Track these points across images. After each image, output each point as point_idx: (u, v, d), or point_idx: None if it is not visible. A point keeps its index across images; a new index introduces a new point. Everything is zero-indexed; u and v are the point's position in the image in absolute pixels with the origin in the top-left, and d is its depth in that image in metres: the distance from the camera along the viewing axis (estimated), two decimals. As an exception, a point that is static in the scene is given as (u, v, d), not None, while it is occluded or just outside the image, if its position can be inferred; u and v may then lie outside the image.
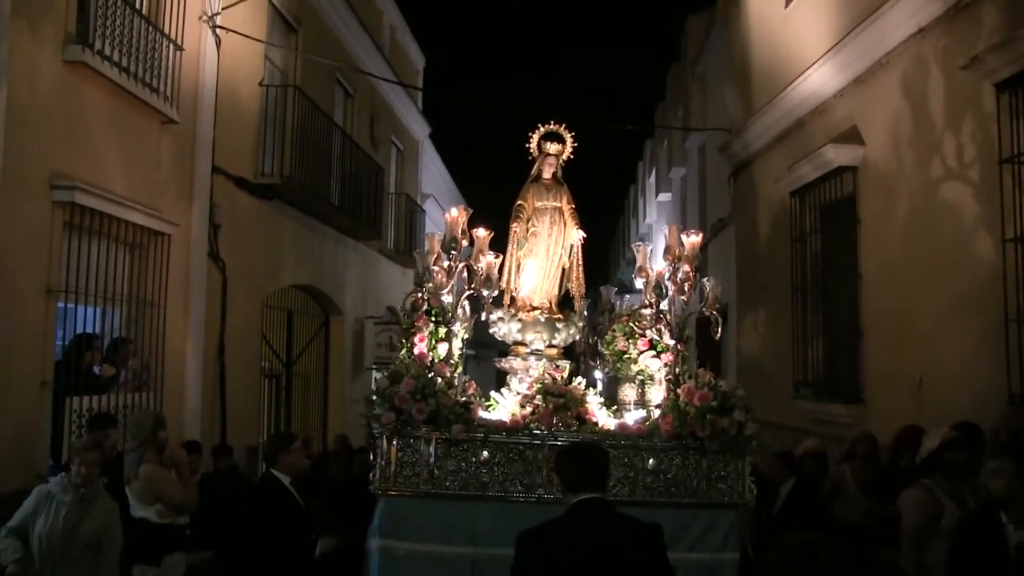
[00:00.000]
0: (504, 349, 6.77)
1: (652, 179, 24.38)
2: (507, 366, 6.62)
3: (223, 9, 9.61)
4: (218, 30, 9.65)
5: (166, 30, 8.53)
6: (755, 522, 6.72)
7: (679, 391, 5.79)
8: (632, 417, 6.14)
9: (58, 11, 7.03)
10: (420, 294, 6.25)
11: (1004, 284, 5.96)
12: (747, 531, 6.29)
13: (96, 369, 7.62)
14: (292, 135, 11.41)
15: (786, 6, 10.62)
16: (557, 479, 3.87)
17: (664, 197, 21.70)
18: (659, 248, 6.74)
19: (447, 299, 5.96)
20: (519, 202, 6.77)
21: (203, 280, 9.59)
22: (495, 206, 6.47)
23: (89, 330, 7.66)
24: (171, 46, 8.59)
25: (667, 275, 5.99)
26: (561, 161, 6.91)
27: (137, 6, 8.17)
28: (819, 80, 9.19)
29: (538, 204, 6.73)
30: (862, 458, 6.77)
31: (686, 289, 5.92)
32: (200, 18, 9.34)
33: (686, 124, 16.95)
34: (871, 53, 8.09)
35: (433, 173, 23.06)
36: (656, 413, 5.97)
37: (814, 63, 9.17)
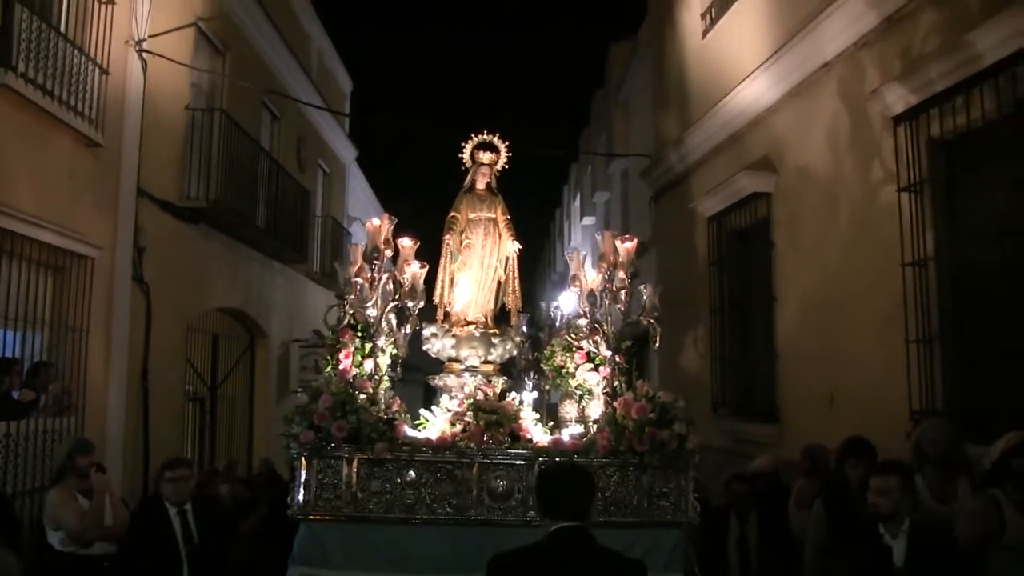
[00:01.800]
0: (434, 370, 6.59)
1: (577, 203, 24.78)
2: (440, 383, 6.42)
3: (150, 36, 9.59)
4: (144, 54, 9.63)
5: (92, 53, 8.51)
6: (701, 541, 6.55)
7: (616, 404, 5.60)
8: (570, 433, 5.93)
9: (-19, 34, 7.01)
10: (343, 307, 6.02)
11: (904, 306, 6.29)
12: (692, 550, 6.11)
13: (15, 394, 7.53)
14: (218, 158, 11.39)
15: (703, 37, 10.99)
16: (535, 501, 3.64)
17: (588, 220, 22.09)
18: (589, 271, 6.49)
19: (371, 312, 5.75)
20: (452, 213, 6.62)
21: (127, 303, 9.51)
22: (424, 229, 6.44)
23: (9, 354, 7.58)
24: (97, 69, 8.57)
25: (602, 283, 5.82)
26: (496, 171, 6.79)
27: (63, 30, 8.15)
28: (734, 110, 9.53)
29: (472, 215, 6.60)
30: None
31: (622, 297, 5.75)
32: (127, 42, 9.33)
33: (609, 149, 17.33)
34: (782, 84, 8.45)
35: (360, 196, 23.12)
36: (594, 429, 5.77)
37: (729, 93, 9.52)
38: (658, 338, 5.93)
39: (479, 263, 6.54)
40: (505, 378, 6.47)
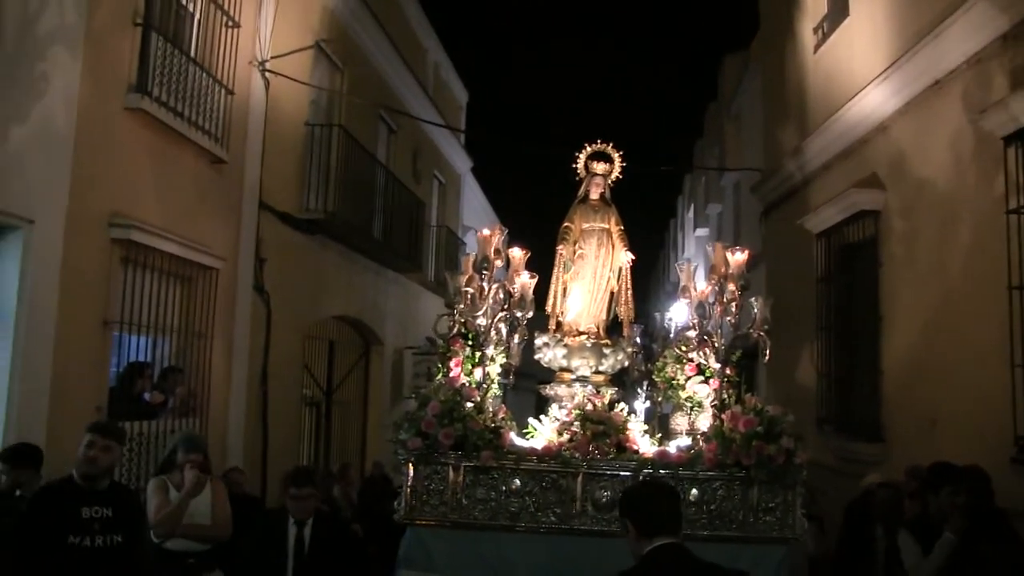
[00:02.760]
0: (547, 379, 6.55)
1: (690, 214, 24.69)
2: (551, 393, 6.39)
3: (273, 57, 10.10)
4: (267, 74, 10.14)
5: (218, 75, 9.03)
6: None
7: (723, 417, 5.53)
8: (677, 445, 5.86)
9: (122, 61, 7.54)
10: (453, 316, 5.98)
11: (1010, 330, 6.18)
12: (803, 568, 6.02)
13: (146, 396, 8.05)
14: (336, 172, 11.87)
15: (815, 52, 10.91)
16: (627, 521, 3.43)
17: (702, 232, 22.01)
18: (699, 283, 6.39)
19: (481, 321, 5.75)
20: (566, 224, 6.59)
21: (248, 311, 10.02)
22: (539, 238, 6.48)
23: (141, 358, 8.12)
24: (222, 90, 9.08)
25: (712, 295, 5.74)
26: (609, 182, 6.73)
27: (192, 53, 8.68)
28: (844, 126, 9.45)
29: (585, 226, 6.55)
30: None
31: (732, 309, 5.64)
32: (250, 63, 9.85)
33: (721, 161, 17.28)
34: (893, 101, 8.36)
35: (475, 206, 23.53)
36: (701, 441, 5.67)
37: (839, 109, 9.44)
38: (767, 351, 5.77)
39: (592, 273, 6.51)
40: (616, 389, 6.44)
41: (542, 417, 6.03)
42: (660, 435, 6.12)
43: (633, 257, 6.60)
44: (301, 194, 11.47)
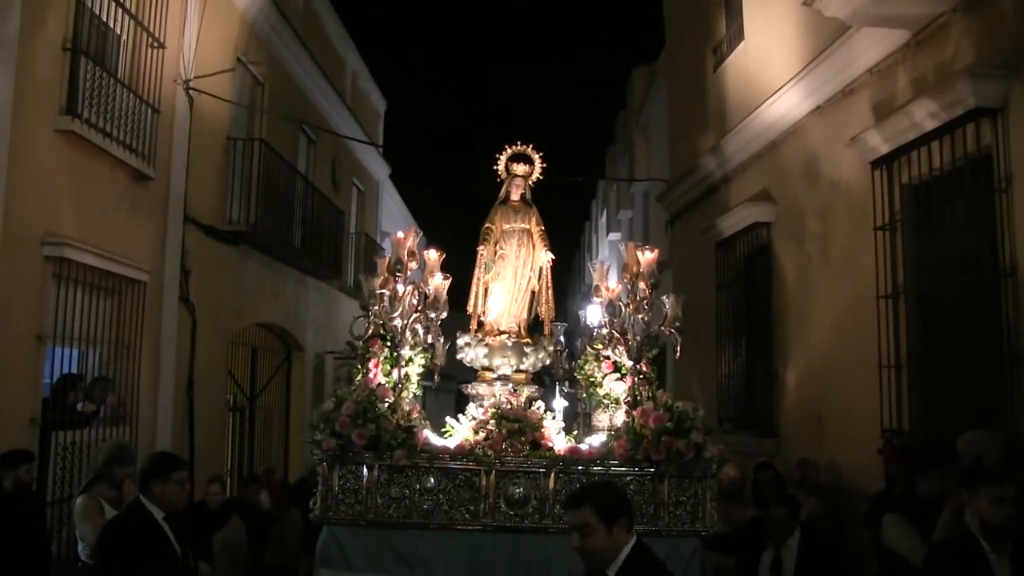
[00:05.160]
0: (469, 379, 6.67)
1: (604, 218, 25.40)
2: (473, 392, 6.49)
3: (197, 77, 10.41)
4: (191, 91, 10.45)
5: (144, 95, 9.32)
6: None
7: (635, 413, 5.67)
8: (593, 441, 5.98)
9: (52, 85, 7.82)
10: (368, 318, 6.10)
11: (878, 335, 6.92)
12: (711, 561, 6.14)
13: (79, 406, 8.30)
14: (257, 184, 12.21)
15: (714, 71, 11.61)
16: (621, 518, 3.37)
17: (614, 236, 22.68)
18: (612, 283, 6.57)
19: (397, 322, 5.79)
20: (487, 224, 6.69)
21: (174, 322, 10.31)
22: (460, 241, 6.69)
23: (73, 370, 8.38)
24: (149, 109, 9.38)
25: (623, 294, 5.89)
26: (530, 183, 6.86)
27: (120, 75, 8.97)
28: (739, 143, 10.13)
29: (506, 226, 6.67)
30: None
31: (645, 307, 5.77)
32: (175, 81, 10.14)
33: (631, 169, 18.00)
34: (777, 126, 9.09)
35: (393, 212, 23.90)
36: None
37: (734, 128, 10.15)
38: (679, 348, 5.92)
39: (513, 273, 6.63)
40: (535, 387, 6.56)
41: (460, 416, 6.14)
42: (577, 432, 6.32)
43: (554, 257, 6.75)
44: (224, 206, 11.78)
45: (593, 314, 7.00)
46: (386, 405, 5.69)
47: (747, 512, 7.26)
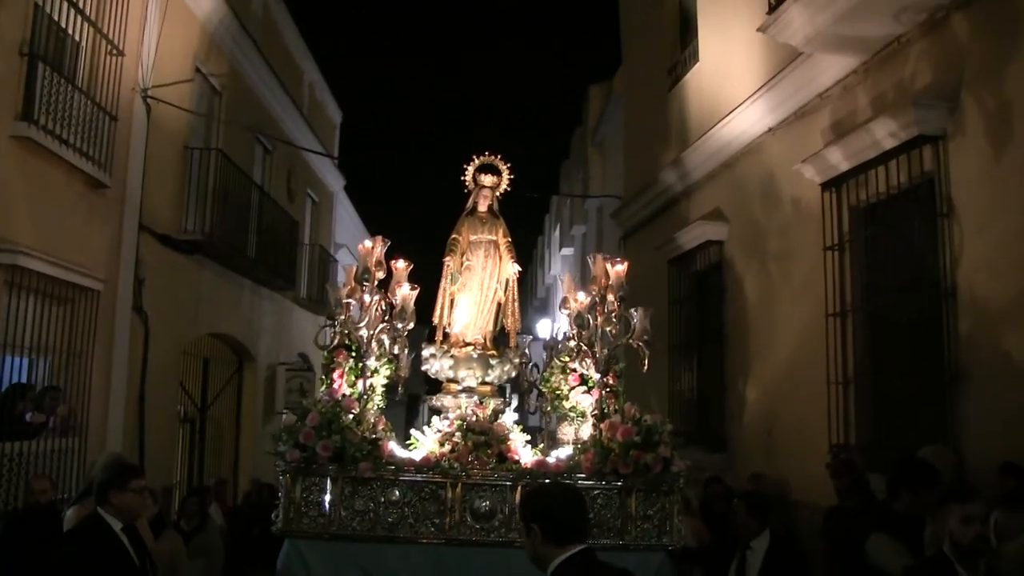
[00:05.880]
0: (434, 391, 6.65)
1: (557, 233, 25.56)
2: (438, 404, 6.44)
3: (155, 86, 10.37)
4: (149, 100, 10.40)
5: (102, 102, 9.26)
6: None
7: (602, 426, 5.64)
8: (560, 454, 5.92)
9: (8, 90, 7.76)
10: (334, 328, 6.02)
11: (827, 352, 7.09)
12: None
13: (28, 416, 8.20)
14: (213, 193, 12.16)
15: (669, 90, 11.80)
16: (534, 527, 3.06)
17: (567, 251, 22.82)
18: (558, 301, 6.62)
19: (363, 332, 5.74)
20: (453, 235, 6.66)
21: (127, 331, 10.22)
22: (419, 253, 6.49)
23: (21, 380, 8.26)
24: (106, 117, 9.32)
25: (591, 305, 5.83)
26: (497, 194, 6.86)
27: (77, 82, 8.91)
28: (693, 163, 10.32)
29: (473, 237, 6.65)
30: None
31: (613, 320, 5.77)
32: (133, 89, 10.09)
33: (585, 185, 18.15)
34: (731, 146, 9.28)
35: (347, 224, 23.87)
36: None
37: (688, 147, 10.33)
38: (647, 361, 5.86)
39: (479, 285, 6.60)
40: (501, 399, 6.49)
41: (425, 428, 6.05)
42: (543, 445, 6.25)
43: (520, 269, 6.75)
44: (180, 216, 11.71)
45: (544, 328, 7.03)
46: (351, 416, 5.63)
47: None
